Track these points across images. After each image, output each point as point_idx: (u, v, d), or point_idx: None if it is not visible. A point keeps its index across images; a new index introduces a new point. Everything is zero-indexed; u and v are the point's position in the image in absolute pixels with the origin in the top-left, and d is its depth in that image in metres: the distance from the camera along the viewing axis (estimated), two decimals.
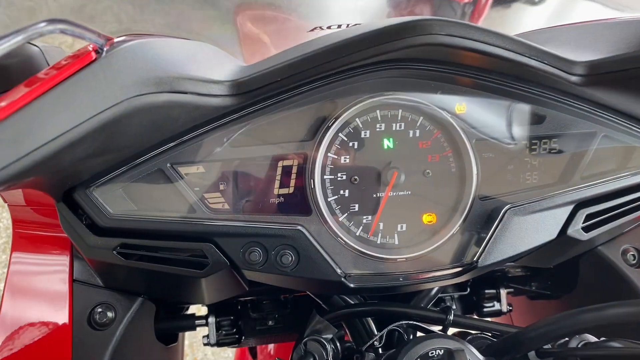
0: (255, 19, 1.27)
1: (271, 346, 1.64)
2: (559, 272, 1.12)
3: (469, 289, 1.17)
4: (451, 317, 0.83)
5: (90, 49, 0.57)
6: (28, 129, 0.51)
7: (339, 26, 1.06)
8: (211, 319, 1.08)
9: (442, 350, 0.68)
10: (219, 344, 1.10)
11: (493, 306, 1.17)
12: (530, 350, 0.73)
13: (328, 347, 0.76)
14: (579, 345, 0.72)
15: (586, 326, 0.65)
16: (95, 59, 0.57)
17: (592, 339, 0.73)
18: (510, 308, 1.18)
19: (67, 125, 0.53)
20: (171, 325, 1.05)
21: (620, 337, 0.71)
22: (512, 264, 1.03)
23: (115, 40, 0.61)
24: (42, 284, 0.87)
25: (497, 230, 0.84)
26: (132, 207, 0.78)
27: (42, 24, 0.48)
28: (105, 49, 0.59)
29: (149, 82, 0.60)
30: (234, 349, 1.97)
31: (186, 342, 3.22)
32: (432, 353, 0.68)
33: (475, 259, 0.84)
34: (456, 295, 1.18)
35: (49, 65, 0.74)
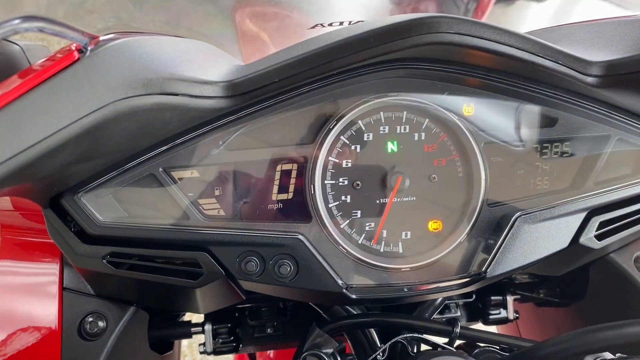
0: (254, 16, 1.23)
1: (271, 351, 1.60)
2: (568, 280, 1.08)
3: (474, 296, 1.14)
4: (458, 330, 0.79)
5: (73, 48, 0.53)
6: (1, 135, 0.47)
7: (341, 23, 1.02)
8: (207, 327, 1.05)
9: None
10: (215, 352, 1.07)
11: (499, 313, 1.14)
12: None
13: None
14: None
15: (604, 344, 0.61)
16: (78, 59, 0.53)
17: (609, 356, 0.69)
18: (517, 315, 1.14)
19: (46, 132, 0.49)
20: (166, 334, 1.02)
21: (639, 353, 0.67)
22: (520, 271, 0.99)
23: (101, 38, 0.57)
24: (31, 292, 0.84)
25: (507, 239, 0.80)
26: (123, 214, 0.74)
27: (16, 21, 0.44)
28: (89, 48, 0.54)
29: (136, 83, 0.56)
30: None
31: (185, 343, 3.19)
32: None
33: (484, 269, 0.80)
34: (461, 302, 1.14)
35: (31, 65, 0.70)
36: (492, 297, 1.12)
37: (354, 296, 0.78)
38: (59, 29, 0.48)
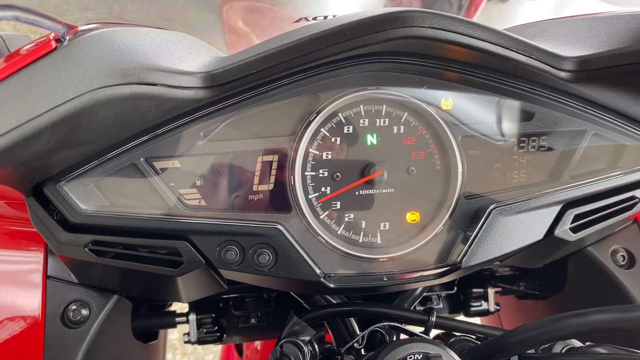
0: (240, 11, 1.23)
1: (258, 342, 1.62)
2: (547, 272, 1.10)
3: (456, 288, 1.16)
4: (433, 319, 0.81)
5: (51, 37, 0.54)
6: None
7: (325, 17, 1.03)
8: (192, 317, 1.06)
9: (421, 355, 0.66)
10: (199, 341, 1.08)
11: (480, 305, 1.16)
12: (513, 355, 0.71)
13: (305, 349, 0.74)
14: (563, 351, 0.70)
15: (570, 332, 0.63)
16: (55, 48, 0.54)
17: (577, 343, 0.71)
18: (498, 308, 1.16)
19: (21, 119, 0.50)
20: (149, 323, 1.03)
21: (607, 342, 0.69)
22: (499, 263, 1.01)
23: (80, 28, 0.58)
24: (15, 280, 0.85)
25: (482, 230, 0.82)
26: (105, 203, 0.75)
27: None
28: (67, 38, 0.55)
29: (114, 73, 0.57)
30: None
31: (176, 336, 3.20)
32: (411, 358, 0.66)
33: (459, 259, 0.82)
34: (443, 294, 1.17)
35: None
36: (473, 290, 1.14)
37: (332, 285, 0.80)
38: (35, 18, 0.49)
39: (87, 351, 0.83)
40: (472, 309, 1.15)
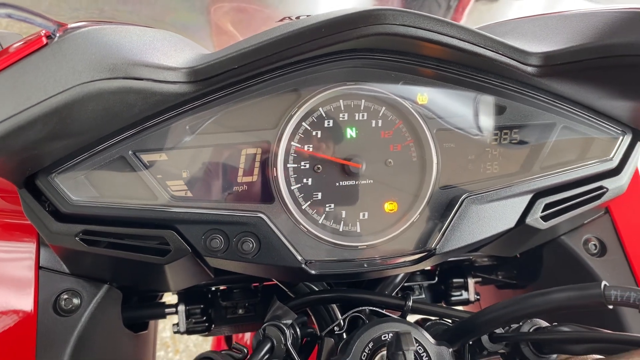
0: (229, 12, 1.27)
1: (248, 335, 1.65)
2: (524, 262, 1.15)
3: (437, 278, 1.19)
4: (410, 303, 0.85)
5: (42, 34, 0.58)
6: None
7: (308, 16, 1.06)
8: (181, 307, 1.09)
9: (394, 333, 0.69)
10: (188, 331, 1.11)
11: (461, 295, 1.20)
12: (483, 334, 0.75)
13: (287, 332, 0.78)
14: (531, 330, 0.74)
15: (533, 310, 0.67)
16: (46, 44, 0.57)
17: (544, 323, 0.75)
18: (478, 297, 1.20)
19: (14, 109, 0.54)
20: (139, 313, 1.06)
21: (574, 321, 0.73)
22: (479, 253, 1.05)
23: (70, 26, 0.62)
24: (7, 271, 0.88)
25: (454, 218, 0.86)
26: (95, 194, 0.78)
27: None
28: (57, 35, 0.59)
29: (102, 67, 0.61)
30: (211, 340, 1.98)
31: (168, 334, 3.23)
32: (385, 337, 0.70)
33: (433, 246, 0.86)
34: (425, 284, 1.20)
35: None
36: (454, 280, 1.18)
37: (313, 272, 0.84)
38: (26, 16, 0.52)
39: (79, 338, 0.86)
40: (453, 298, 1.19)
